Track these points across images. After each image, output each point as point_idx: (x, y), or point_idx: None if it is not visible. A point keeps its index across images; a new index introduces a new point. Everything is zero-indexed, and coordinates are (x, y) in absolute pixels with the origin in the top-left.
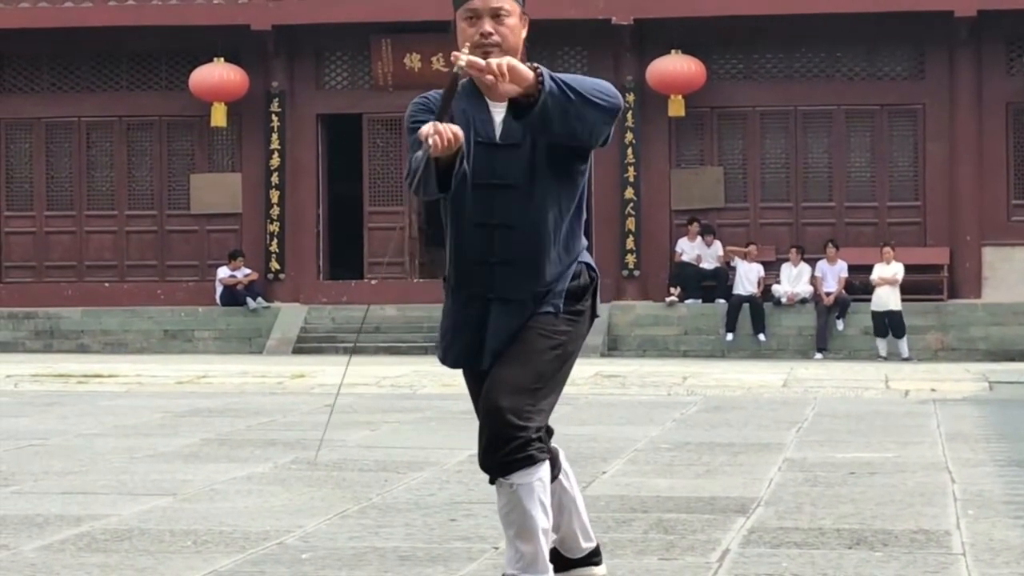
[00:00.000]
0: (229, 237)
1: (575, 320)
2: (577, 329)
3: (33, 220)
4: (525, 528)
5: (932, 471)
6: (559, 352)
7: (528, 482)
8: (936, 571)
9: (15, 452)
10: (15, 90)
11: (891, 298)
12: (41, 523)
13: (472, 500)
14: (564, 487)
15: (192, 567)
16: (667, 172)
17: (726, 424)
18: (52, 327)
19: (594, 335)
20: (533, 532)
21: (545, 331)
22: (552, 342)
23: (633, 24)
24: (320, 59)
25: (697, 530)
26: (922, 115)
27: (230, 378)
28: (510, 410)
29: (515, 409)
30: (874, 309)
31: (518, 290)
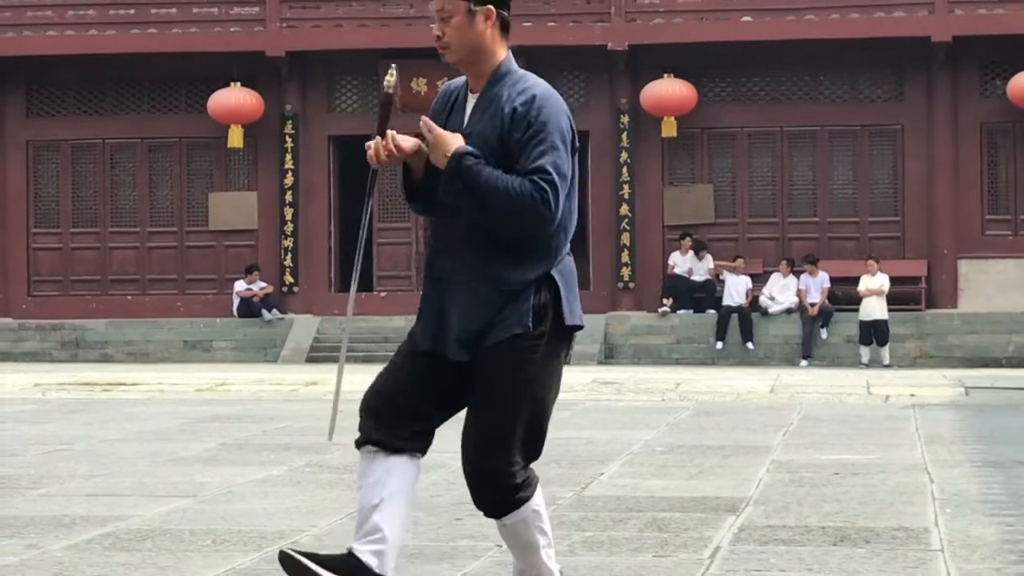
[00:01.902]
0: (245, 252)
1: (538, 345)
2: (546, 356)
3: (60, 237)
4: (526, 550)
5: (912, 472)
6: (532, 392)
7: (522, 518)
8: (916, 566)
9: (43, 456)
10: (43, 113)
11: (877, 308)
12: (68, 524)
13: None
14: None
15: (211, 565)
16: (660, 189)
17: (717, 428)
18: (78, 338)
19: (591, 344)
20: (534, 551)
21: (517, 372)
22: (525, 384)
23: (628, 50)
24: (331, 83)
25: (690, 528)
26: (901, 135)
27: (247, 386)
28: (492, 470)
29: (496, 469)
30: (861, 319)
31: (474, 279)
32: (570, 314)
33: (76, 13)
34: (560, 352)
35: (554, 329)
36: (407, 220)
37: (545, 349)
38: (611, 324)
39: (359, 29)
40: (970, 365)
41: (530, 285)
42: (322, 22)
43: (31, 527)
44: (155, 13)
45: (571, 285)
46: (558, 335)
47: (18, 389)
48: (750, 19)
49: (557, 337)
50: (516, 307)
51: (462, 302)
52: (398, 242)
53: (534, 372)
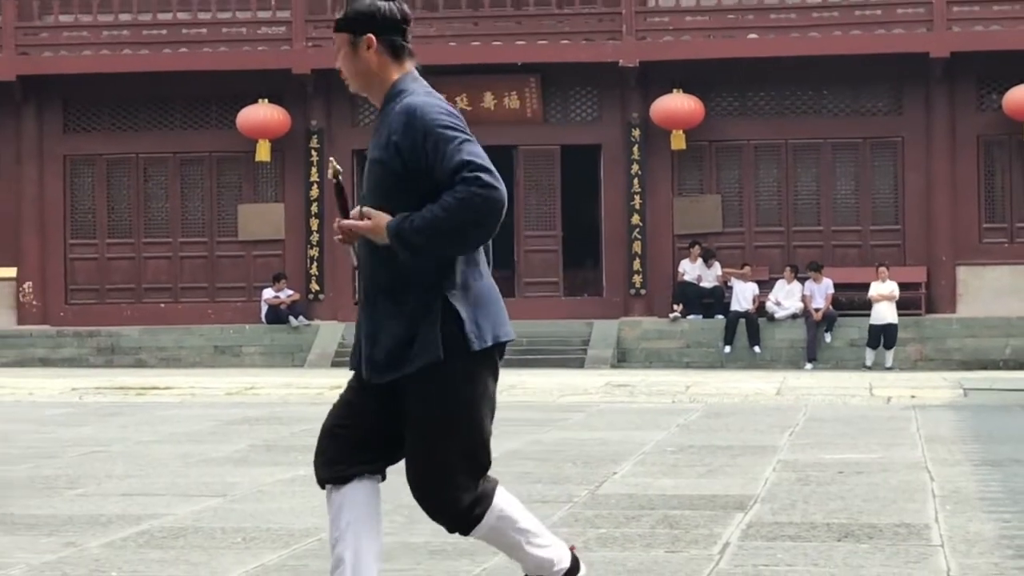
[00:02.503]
0: (273, 261)
1: (452, 374)
2: (464, 382)
3: (96, 247)
4: (511, 551)
5: (913, 470)
6: (457, 421)
7: (488, 527)
8: (917, 561)
9: (80, 458)
10: (79, 129)
11: (888, 312)
12: (104, 522)
13: None
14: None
15: (241, 561)
16: (670, 200)
17: (725, 429)
18: (113, 344)
19: (604, 348)
20: (518, 548)
21: (438, 403)
22: (447, 414)
23: (638, 66)
24: (355, 100)
25: (700, 525)
26: (901, 147)
27: (275, 389)
28: (437, 502)
29: (441, 500)
30: (873, 323)
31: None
32: (478, 338)
33: (111, 33)
34: (479, 374)
35: (464, 355)
36: None
37: (461, 376)
38: (623, 329)
39: None
40: (968, 368)
41: (430, 312)
42: None
43: (69, 526)
44: (186, 33)
45: (482, 307)
46: (473, 359)
47: (56, 393)
48: (756, 36)
49: (473, 361)
50: (423, 336)
51: (370, 327)
52: None
53: (455, 401)
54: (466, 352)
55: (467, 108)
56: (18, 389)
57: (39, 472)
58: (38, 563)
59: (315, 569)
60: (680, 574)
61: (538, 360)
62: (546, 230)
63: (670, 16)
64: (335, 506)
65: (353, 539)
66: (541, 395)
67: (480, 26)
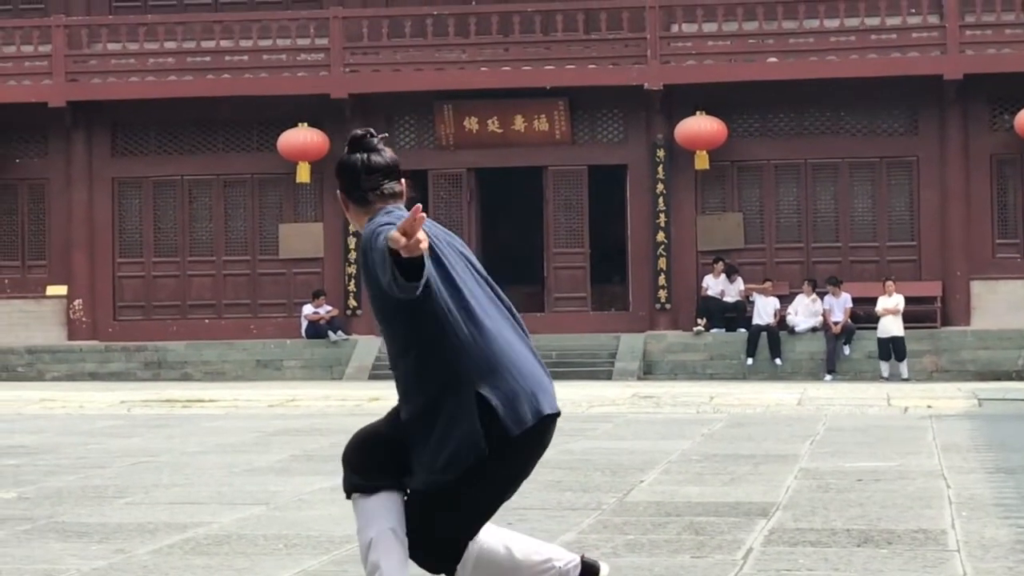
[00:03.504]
0: (313, 278)
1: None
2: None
3: (143, 266)
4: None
5: (929, 478)
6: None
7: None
8: (934, 566)
9: (128, 468)
10: (127, 153)
11: (894, 326)
12: (152, 529)
13: (525, 506)
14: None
15: (283, 567)
16: (694, 218)
17: (748, 438)
18: (159, 359)
19: (631, 360)
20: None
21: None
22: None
23: (663, 89)
24: (390, 122)
25: (724, 531)
26: (916, 166)
27: (315, 402)
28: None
29: (442, 552)
30: (879, 336)
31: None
32: (515, 423)
33: (156, 61)
34: (521, 456)
35: (505, 442)
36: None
37: (502, 463)
38: (649, 342)
39: (415, 73)
40: (982, 378)
41: (462, 408)
42: (381, 67)
43: (118, 533)
44: (229, 60)
45: (515, 387)
46: (515, 443)
47: (105, 406)
48: (776, 60)
49: (515, 445)
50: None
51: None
52: None
53: (492, 486)
54: (506, 438)
55: (498, 130)
56: (69, 402)
57: (89, 482)
58: (88, 569)
59: (354, 574)
60: None
61: (567, 372)
62: (574, 247)
63: (693, 41)
64: (366, 514)
65: (385, 546)
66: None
67: (510, 51)
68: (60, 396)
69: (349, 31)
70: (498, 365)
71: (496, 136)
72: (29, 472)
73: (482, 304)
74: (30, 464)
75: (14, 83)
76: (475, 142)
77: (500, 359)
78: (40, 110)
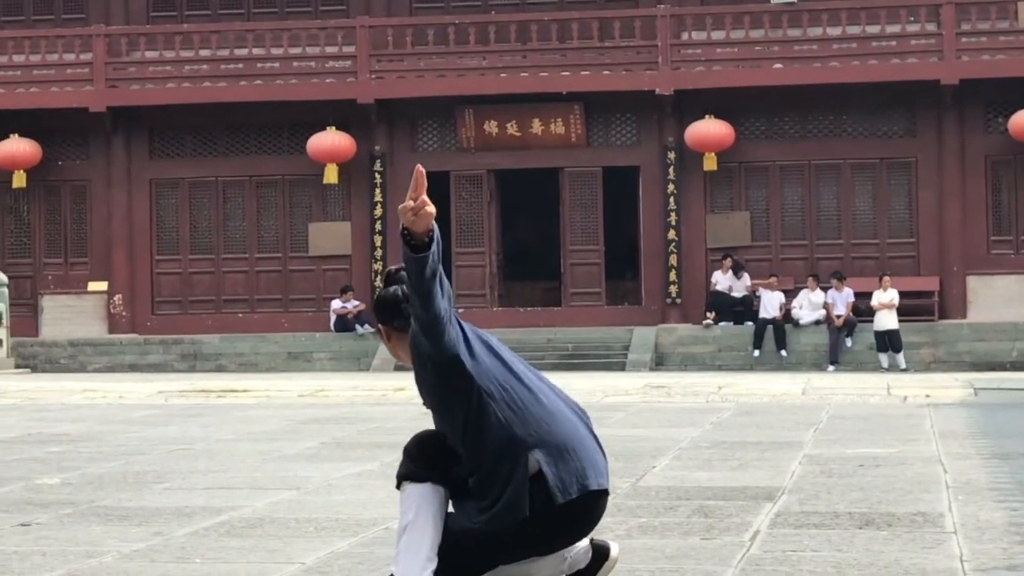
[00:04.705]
0: (341, 275)
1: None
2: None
3: (179, 263)
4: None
5: (928, 463)
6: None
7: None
8: (932, 547)
9: (166, 455)
10: (164, 155)
11: (889, 319)
12: (189, 513)
13: None
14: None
15: (314, 548)
16: (703, 217)
17: (755, 426)
18: (195, 351)
19: (643, 352)
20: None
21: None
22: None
23: (673, 94)
24: (414, 126)
25: (732, 514)
26: (915, 167)
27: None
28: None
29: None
30: (876, 329)
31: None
32: (562, 490)
33: (191, 67)
34: (562, 526)
35: (547, 509)
36: (481, 245)
37: (544, 529)
38: (661, 335)
39: (439, 79)
40: (978, 369)
41: (513, 472)
42: (406, 73)
43: (157, 517)
44: (260, 67)
45: (563, 454)
46: (560, 512)
47: (144, 396)
48: (781, 66)
49: (560, 514)
50: (510, 496)
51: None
52: (473, 264)
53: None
54: (550, 505)
55: (517, 134)
56: (109, 393)
57: (129, 468)
58: (128, 551)
59: (381, 555)
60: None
61: (582, 364)
62: (590, 245)
63: (703, 48)
64: (410, 499)
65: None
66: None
67: (528, 58)
68: (101, 387)
69: (375, 39)
70: (553, 435)
71: (515, 139)
72: (72, 459)
73: (531, 379)
74: (73, 451)
75: (56, 89)
76: (495, 145)
77: (555, 429)
78: (81, 115)
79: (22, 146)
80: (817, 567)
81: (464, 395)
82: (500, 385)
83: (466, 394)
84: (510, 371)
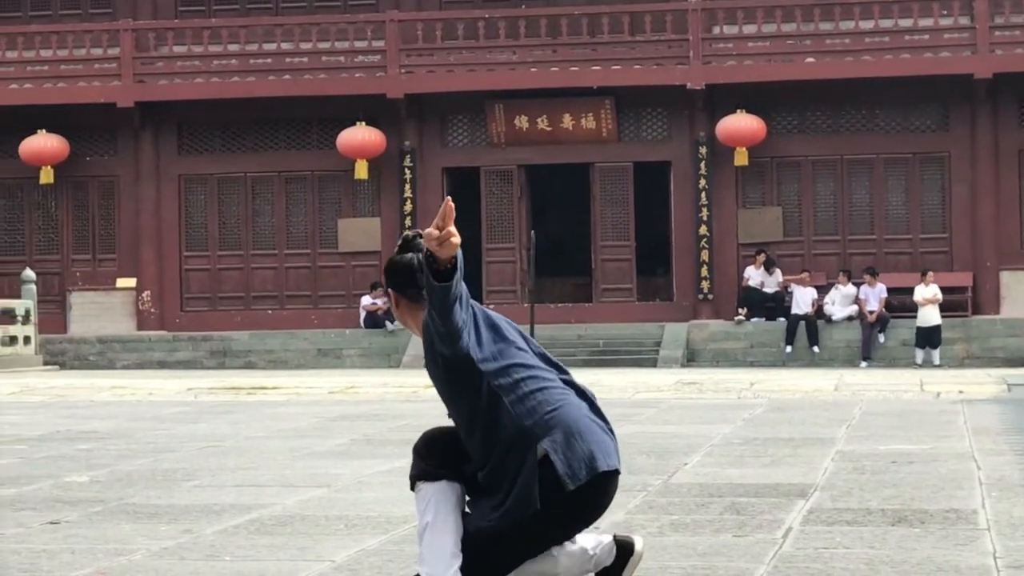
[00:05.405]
0: (370, 271)
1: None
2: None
3: (208, 259)
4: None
5: (961, 460)
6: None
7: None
8: (965, 544)
9: (195, 452)
10: (193, 151)
11: (933, 314)
12: (218, 511)
13: None
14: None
15: (344, 546)
16: (735, 212)
17: (787, 423)
18: (224, 348)
19: (675, 348)
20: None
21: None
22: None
23: (705, 89)
24: (444, 122)
25: (764, 511)
26: (948, 162)
27: (373, 388)
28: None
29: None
30: (919, 325)
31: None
32: (571, 476)
33: (220, 63)
34: (573, 512)
35: (558, 496)
36: (512, 241)
37: (557, 517)
38: (692, 331)
39: (468, 74)
40: (1011, 365)
41: (522, 465)
42: (436, 67)
43: (186, 514)
44: (289, 62)
45: (570, 440)
46: (570, 498)
47: (173, 393)
48: (813, 60)
49: (570, 500)
50: (520, 488)
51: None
52: (504, 260)
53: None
54: (561, 492)
55: (547, 128)
56: (138, 390)
57: (158, 465)
58: (158, 548)
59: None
60: (747, 557)
61: (614, 360)
62: (621, 240)
63: (734, 42)
64: (426, 499)
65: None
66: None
67: (559, 53)
68: (130, 384)
69: (404, 33)
70: (560, 422)
71: (545, 134)
72: (101, 456)
73: (538, 365)
74: (102, 449)
75: (84, 84)
76: (525, 140)
77: (562, 415)
78: (109, 110)
79: (49, 142)
80: (850, 564)
81: (474, 389)
82: (511, 378)
83: (476, 388)
84: (518, 359)
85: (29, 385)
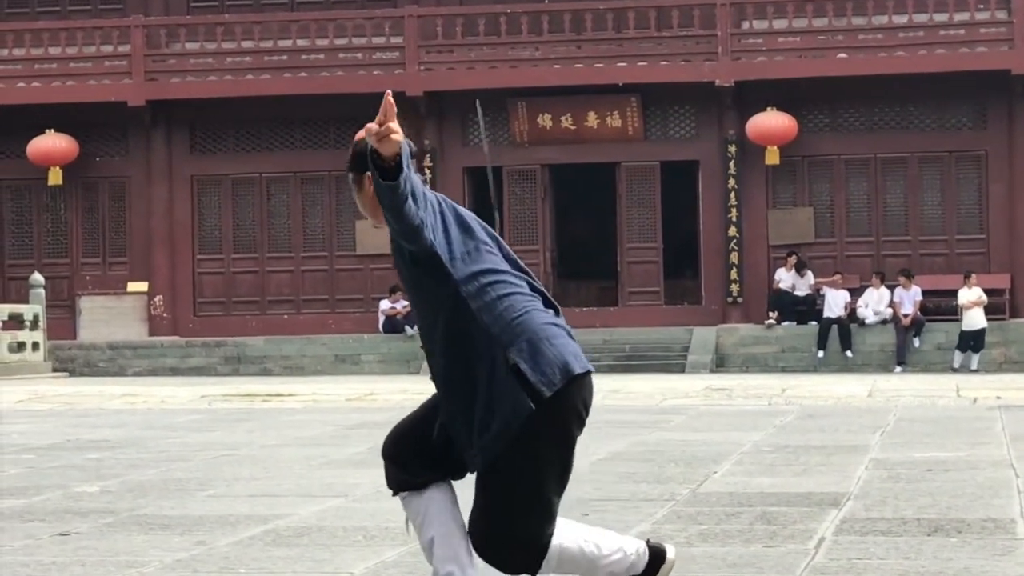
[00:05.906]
0: (389, 274)
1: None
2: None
3: (222, 262)
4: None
5: (998, 468)
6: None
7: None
8: (1003, 554)
9: (209, 461)
10: (206, 151)
11: (978, 318)
12: (233, 522)
13: (601, 498)
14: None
15: (363, 558)
16: (765, 212)
17: (819, 430)
18: (239, 353)
19: (703, 353)
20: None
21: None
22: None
23: (734, 86)
24: (465, 120)
25: (796, 521)
26: (985, 160)
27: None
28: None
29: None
30: (965, 328)
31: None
32: (545, 383)
33: (234, 60)
34: (560, 419)
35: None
36: (536, 243)
37: (543, 427)
38: (722, 336)
39: (490, 71)
40: None
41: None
42: (456, 65)
43: (200, 525)
44: (305, 59)
45: (538, 345)
46: (550, 406)
47: (186, 400)
48: (845, 56)
49: (552, 408)
50: (500, 406)
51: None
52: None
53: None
54: (540, 402)
55: (572, 127)
56: (150, 397)
57: (171, 475)
58: (171, 560)
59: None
60: (778, 568)
61: (640, 366)
62: (647, 242)
63: (764, 37)
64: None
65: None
66: (644, 399)
67: (583, 49)
68: (142, 391)
69: (424, 30)
70: (525, 329)
71: (569, 132)
72: (112, 466)
73: (508, 271)
74: (112, 458)
75: (94, 82)
76: (549, 139)
77: (527, 322)
78: (120, 109)
79: (58, 142)
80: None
81: (443, 293)
82: (479, 283)
83: (444, 291)
84: (487, 263)
85: (38, 392)
